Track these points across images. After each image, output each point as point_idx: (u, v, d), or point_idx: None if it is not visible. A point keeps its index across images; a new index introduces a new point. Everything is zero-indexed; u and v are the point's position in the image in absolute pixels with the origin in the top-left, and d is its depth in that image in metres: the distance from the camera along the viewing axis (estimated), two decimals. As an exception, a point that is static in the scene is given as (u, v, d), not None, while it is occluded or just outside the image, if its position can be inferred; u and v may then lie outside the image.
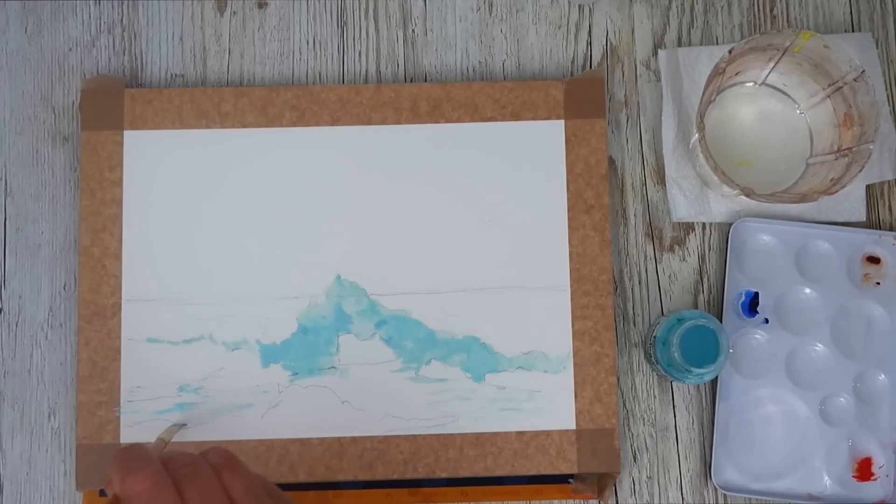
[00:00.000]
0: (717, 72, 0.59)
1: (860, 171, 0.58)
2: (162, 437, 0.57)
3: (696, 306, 0.64)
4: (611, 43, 0.66)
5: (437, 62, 0.66)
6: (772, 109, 0.65)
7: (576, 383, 0.61)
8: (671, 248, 0.64)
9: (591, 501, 0.62)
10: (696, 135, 0.60)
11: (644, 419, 0.63)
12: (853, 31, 0.67)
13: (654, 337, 0.60)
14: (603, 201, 0.62)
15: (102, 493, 0.60)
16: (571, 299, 0.62)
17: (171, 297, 0.61)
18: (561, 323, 0.61)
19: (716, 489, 0.62)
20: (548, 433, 0.60)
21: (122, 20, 0.66)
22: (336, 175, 0.63)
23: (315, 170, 0.63)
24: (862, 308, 0.63)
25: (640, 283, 0.64)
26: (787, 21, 0.67)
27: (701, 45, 0.66)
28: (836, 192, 0.59)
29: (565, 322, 0.61)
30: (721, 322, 0.62)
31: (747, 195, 0.59)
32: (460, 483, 0.61)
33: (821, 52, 0.60)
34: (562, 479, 0.61)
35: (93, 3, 0.66)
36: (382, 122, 0.63)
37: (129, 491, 0.40)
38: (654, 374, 0.63)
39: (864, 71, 0.59)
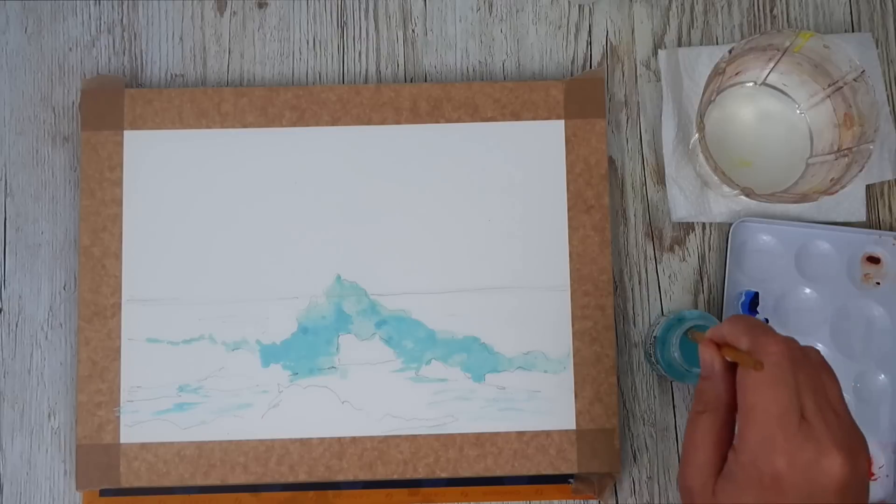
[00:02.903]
0: (717, 72, 0.59)
1: (860, 171, 0.58)
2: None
3: (696, 306, 0.64)
4: (611, 43, 0.66)
5: (437, 62, 0.66)
6: (772, 109, 0.65)
7: (576, 383, 0.61)
8: (671, 248, 0.64)
9: (591, 501, 0.62)
10: (696, 135, 0.60)
11: (644, 419, 0.63)
12: (853, 31, 0.67)
13: (654, 337, 0.60)
14: (603, 201, 0.62)
15: (103, 492, 0.60)
16: (571, 299, 0.62)
17: (171, 297, 0.61)
18: (561, 323, 0.61)
19: (716, 489, 0.62)
20: (548, 433, 0.60)
21: (122, 20, 0.66)
22: (336, 175, 0.63)
23: (315, 170, 0.63)
24: (862, 308, 0.63)
25: (640, 283, 0.64)
26: (787, 21, 0.67)
27: (701, 45, 0.66)
28: (836, 192, 0.59)
29: (565, 322, 0.61)
30: (721, 322, 0.62)
31: (747, 195, 0.59)
32: (460, 483, 0.61)
33: (821, 52, 0.60)
34: (562, 479, 0.61)
35: (93, 3, 0.66)
36: (382, 122, 0.63)
37: (763, 350, 0.43)
38: (654, 374, 0.63)
39: (864, 71, 0.59)
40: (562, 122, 0.63)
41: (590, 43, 0.67)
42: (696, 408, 0.46)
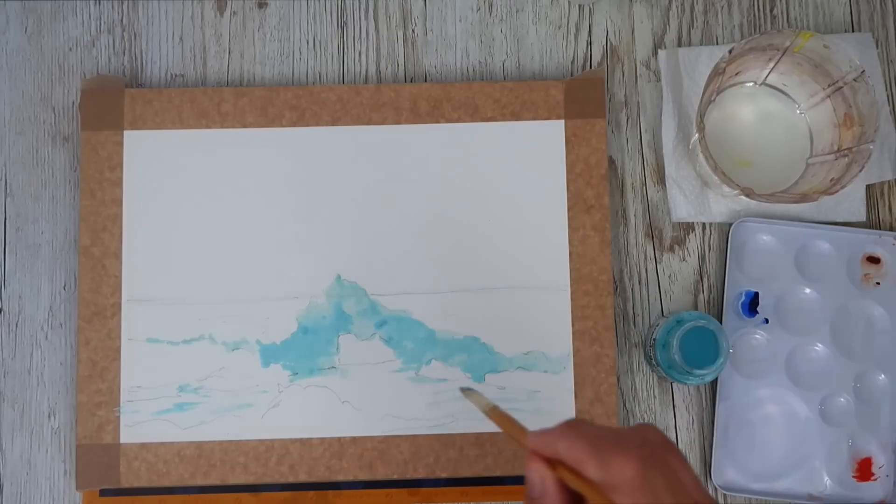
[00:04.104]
0: (717, 72, 0.59)
1: (860, 171, 0.58)
2: (488, 404, 0.46)
3: (696, 306, 0.64)
4: (611, 43, 0.66)
5: (437, 62, 0.66)
6: (772, 109, 0.65)
7: (576, 383, 0.61)
8: (671, 248, 0.64)
9: (591, 501, 0.62)
10: (696, 135, 0.60)
11: (644, 419, 0.63)
12: (853, 31, 0.67)
13: (654, 339, 0.60)
14: (603, 201, 0.62)
15: (103, 492, 0.60)
16: (571, 299, 0.62)
17: (171, 297, 0.61)
18: (561, 323, 0.61)
19: (716, 489, 0.62)
20: (548, 433, 0.60)
21: (122, 20, 0.66)
22: (336, 175, 0.63)
23: (315, 170, 0.63)
24: (862, 308, 0.63)
25: (640, 283, 0.64)
26: (787, 21, 0.67)
27: (701, 45, 0.66)
28: (836, 192, 0.59)
29: (565, 322, 0.61)
30: (721, 322, 0.62)
31: (747, 195, 0.59)
32: (460, 483, 0.61)
33: (821, 52, 0.60)
34: (562, 479, 0.61)
35: (93, 3, 0.66)
36: (382, 122, 0.63)
37: (618, 477, 0.36)
38: (654, 374, 0.63)
39: (864, 71, 0.59)
40: (562, 122, 0.63)
41: (590, 43, 0.67)
42: None
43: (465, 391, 0.47)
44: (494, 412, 0.43)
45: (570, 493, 0.38)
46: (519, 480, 0.61)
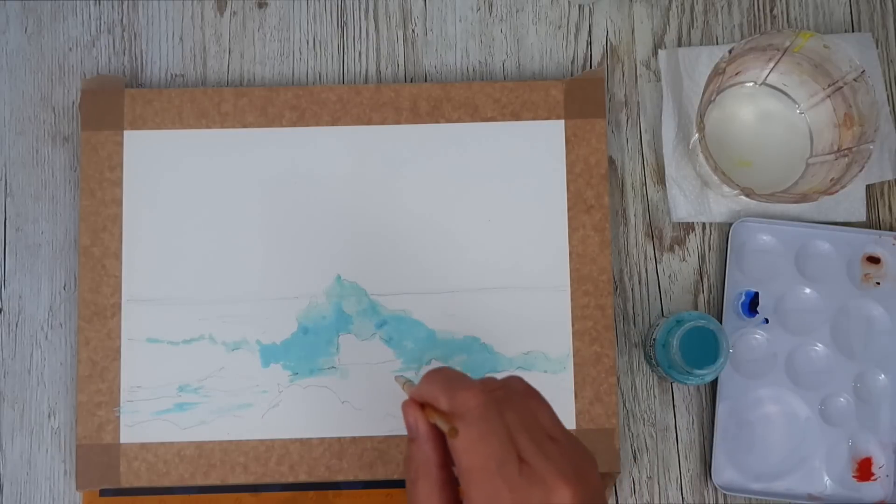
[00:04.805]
0: (717, 72, 0.59)
1: (860, 171, 0.58)
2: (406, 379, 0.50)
3: (696, 306, 0.64)
4: (611, 43, 0.66)
5: (437, 62, 0.66)
6: (772, 109, 0.65)
7: (576, 383, 0.61)
8: (671, 248, 0.64)
9: (591, 501, 0.62)
10: (696, 135, 0.60)
11: (644, 419, 0.63)
12: (853, 31, 0.67)
13: (654, 339, 0.60)
14: (603, 201, 0.62)
15: (103, 492, 0.60)
16: (571, 299, 0.62)
17: (171, 297, 0.61)
18: (561, 323, 0.61)
19: (716, 489, 0.62)
20: (548, 433, 0.60)
21: (122, 20, 0.66)
22: (336, 175, 0.63)
23: (315, 170, 0.63)
24: (862, 308, 0.63)
25: (640, 283, 0.64)
26: (787, 21, 0.67)
27: (701, 45, 0.66)
28: (836, 192, 0.59)
29: (565, 322, 0.61)
30: (721, 322, 0.62)
31: (747, 195, 0.59)
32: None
33: (821, 52, 0.60)
34: (562, 479, 0.61)
35: (93, 3, 0.66)
36: (382, 122, 0.63)
37: (462, 407, 0.40)
38: (654, 374, 0.63)
39: (864, 71, 0.59)
40: (562, 122, 0.63)
41: (590, 43, 0.67)
42: (408, 476, 0.43)
43: (398, 378, 0.50)
44: (399, 380, 0.49)
45: (440, 431, 0.42)
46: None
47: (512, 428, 0.40)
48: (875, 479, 0.62)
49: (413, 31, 0.66)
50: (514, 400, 0.42)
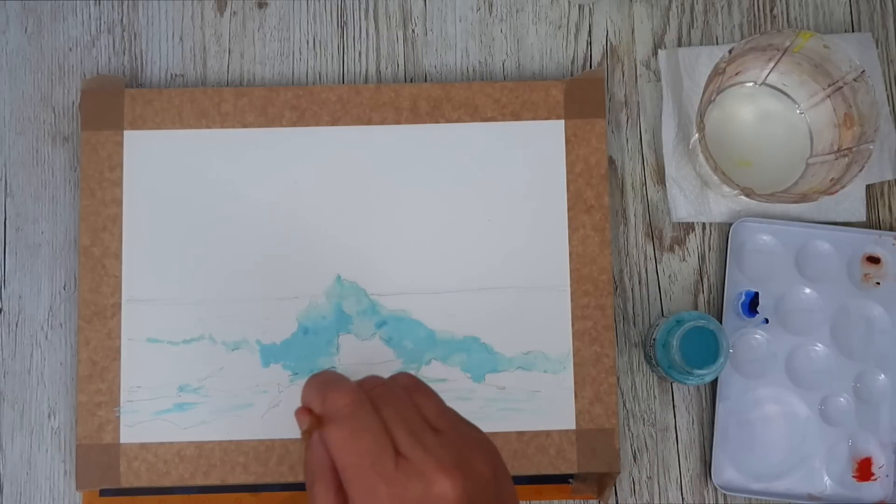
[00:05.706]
0: (717, 72, 0.59)
1: (860, 171, 0.59)
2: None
3: (695, 306, 0.64)
4: (611, 43, 0.66)
5: (437, 62, 0.66)
6: (772, 109, 0.65)
7: (576, 383, 0.61)
8: (671, 248, 0.64)
9: (591, 501, 0.62)
10: (696, 135, 0.60)
11: (644, 419, 0.63)
12: (853, 31, 0.67)
13: (654, 339, 0.60)
14: (603, 201, 0.62)
15: (103, 492, 0.60)
16: (571, 299, 0.62)
17: (171, 297, 0.61)
18: (561, 323, 0.61)
19: (716, 489, 0.62)
20: (548, 433, 0.60)
21: (122, 20, 0.66)
22: (336, 175, 0.63)
23: (315, 170, 0.63)
24: (862, 308, 0.63)
25: (640, 283, 0.64)
26: (787, 21, 0.67)
27: (701, 45, 0.66)
28: (836, 192, 0.59)
29: (565, 322, 0.61)
30: (721, 322, 0.62)
31: (747, 195, 0.59)
32: (460, 483, 0.61)
33: (821, 52, 0.60)
34: (562, 479, 0.61)
35: (93, 3, 0.66)
36: (382, 122, 0.63)
37: (332, 407, 0.41)
38: (654, 374, 0.63)
39: (864, 71, 0.59)
40: (562, 122, 0.63)
41: (590, 43, 0.67)
42: (307, 479, 0.43)
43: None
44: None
45: None
46: (519, 480, 0.61)
47: (389, 423, 0.40)
48: (875, 479, 0.62)
49: (413, 31, 0.66)
50: (395, 395, 0.42)
